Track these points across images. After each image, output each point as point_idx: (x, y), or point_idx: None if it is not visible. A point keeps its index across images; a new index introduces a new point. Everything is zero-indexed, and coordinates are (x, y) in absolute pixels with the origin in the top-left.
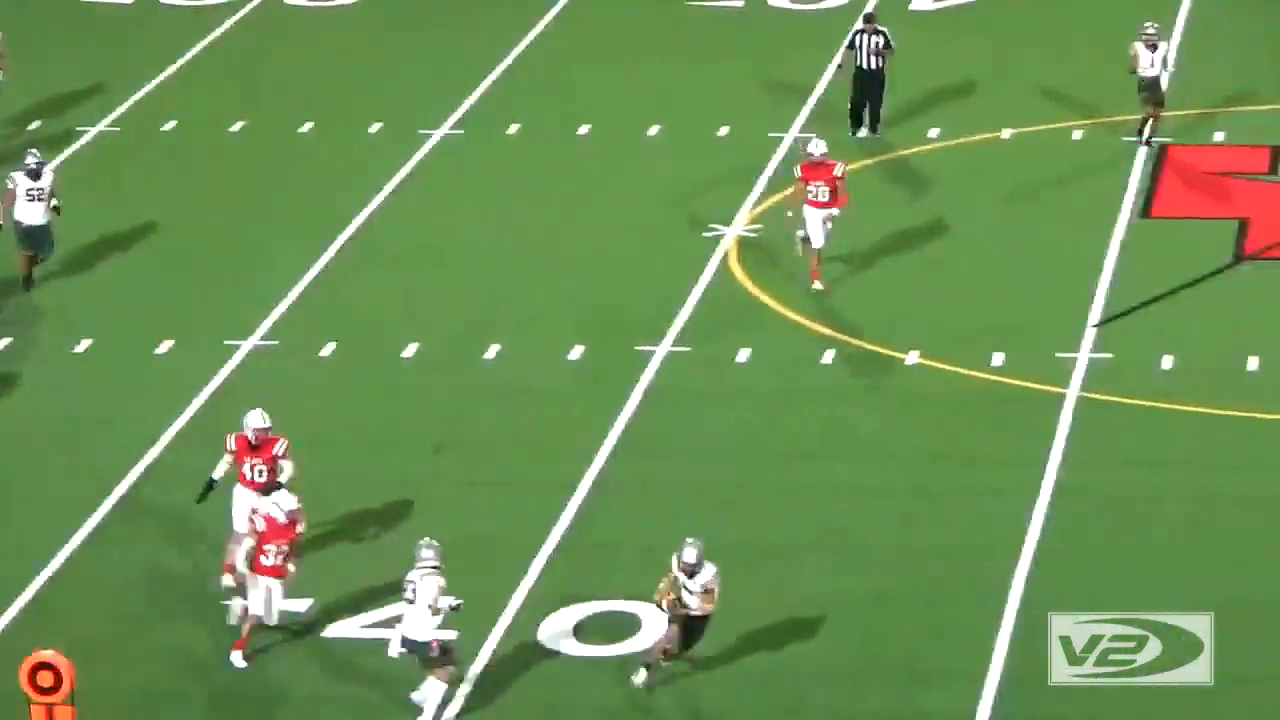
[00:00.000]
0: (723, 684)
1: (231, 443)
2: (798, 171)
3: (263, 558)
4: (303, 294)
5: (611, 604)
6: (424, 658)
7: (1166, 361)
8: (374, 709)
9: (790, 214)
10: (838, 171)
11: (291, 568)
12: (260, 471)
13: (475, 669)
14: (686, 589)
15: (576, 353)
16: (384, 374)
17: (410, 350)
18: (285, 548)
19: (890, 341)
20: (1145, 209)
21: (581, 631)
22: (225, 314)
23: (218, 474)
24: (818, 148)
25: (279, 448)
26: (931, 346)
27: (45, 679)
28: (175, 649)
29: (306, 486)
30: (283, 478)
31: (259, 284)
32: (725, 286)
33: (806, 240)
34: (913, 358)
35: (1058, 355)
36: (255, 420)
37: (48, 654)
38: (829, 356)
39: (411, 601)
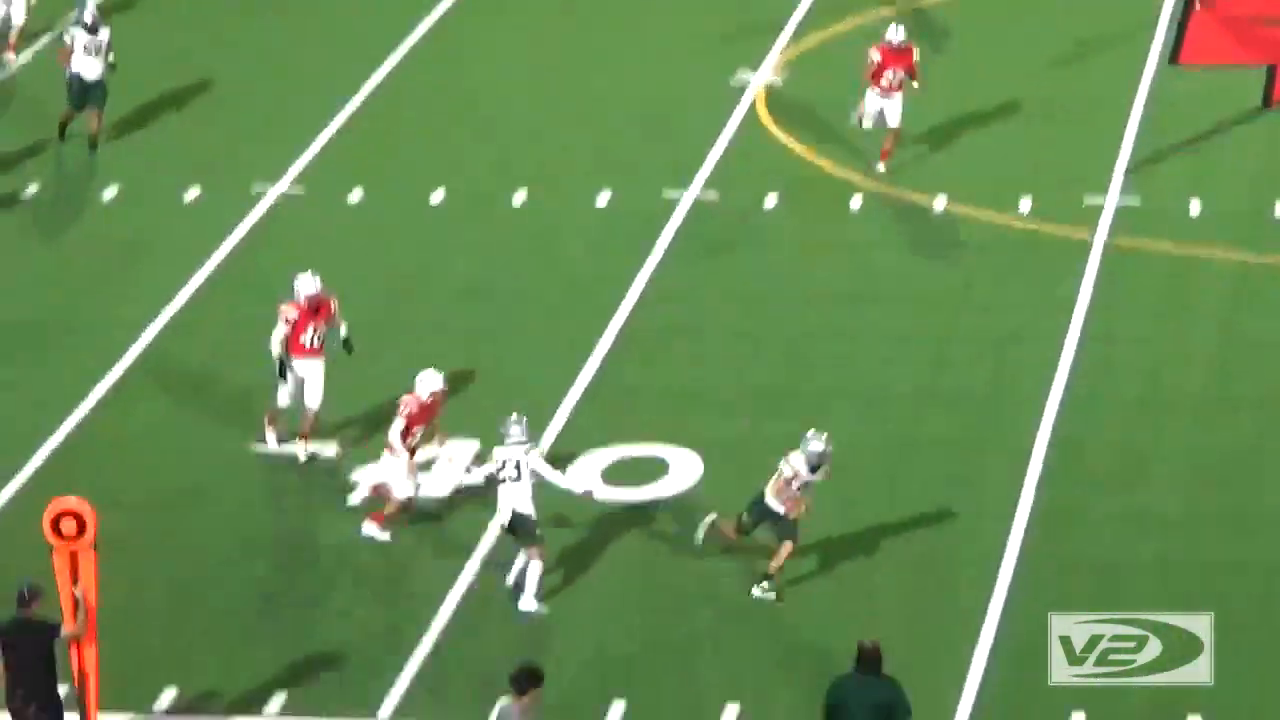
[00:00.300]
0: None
1: (291, 312)
2: (876, 55)
3: (409, 439)
4: (330, 141)
5: (638, 448)
6: (528, 534)
7: (1195, 207)
8: (405, 553)
9: (862, 100)
10: (916, 57)
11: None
12: (320, 337)
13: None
14: (807, 485)
15: (604, 199)
16: (412, 221)
17: (438, 197)
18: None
19: (919, 187)
20: (1174, 55)
21: (609, 474)
22: (253, 161)
23: (277, 348)
24: (897, 34)
25: (334, 305)
26: (960, 192)
27: (69, 526)
28: (192, 492)
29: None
30: (344, 333)
31: (287, 131)
32: (753, 133)
33: (877, 116)
34: (940, 203)
35: (1086, 201)
36: (309, 284)
37: (71, 501)
38: (857, 202)
39: (516, 479)
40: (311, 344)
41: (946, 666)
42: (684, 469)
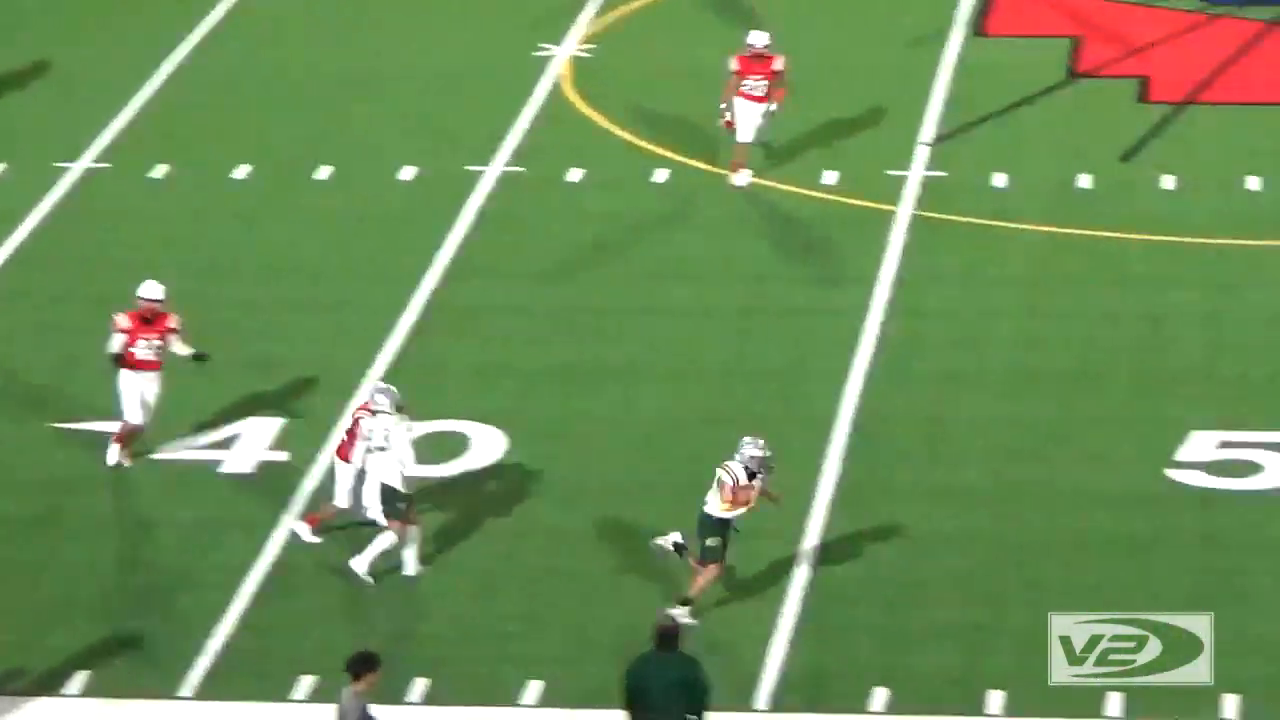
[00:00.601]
0: (558, 502)
1: (124, 320)
2: (734, 64)
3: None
4: (135, 117)
5: (442, 424)
6: (392, 507)
7: (1000, 179)
8: (208, 529)
9: (724, 107)
10: (777, 65)
11: None
12: (156, 350)
13: (309, 486)
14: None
15: (408, 173)
16: (218, 197)
17: (242, 173)
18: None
19: (722, 160)
20: (979, 26)
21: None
22: (56, 136)
23: (115, 348)
24: (759, 39)
25: (172, 321)
26: (763, 165)
27: None
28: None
29: None
30: (178, 351)
31: (91, 106)
32: (557, 106)
33: (747, 126)
34: (745, 177)
35: (889, 173)
36: (149, 290)
37: None
38: (661, 176)
39: (384, 449)
40: (144, 356)
41: (749, 643)
42: (486, 445)
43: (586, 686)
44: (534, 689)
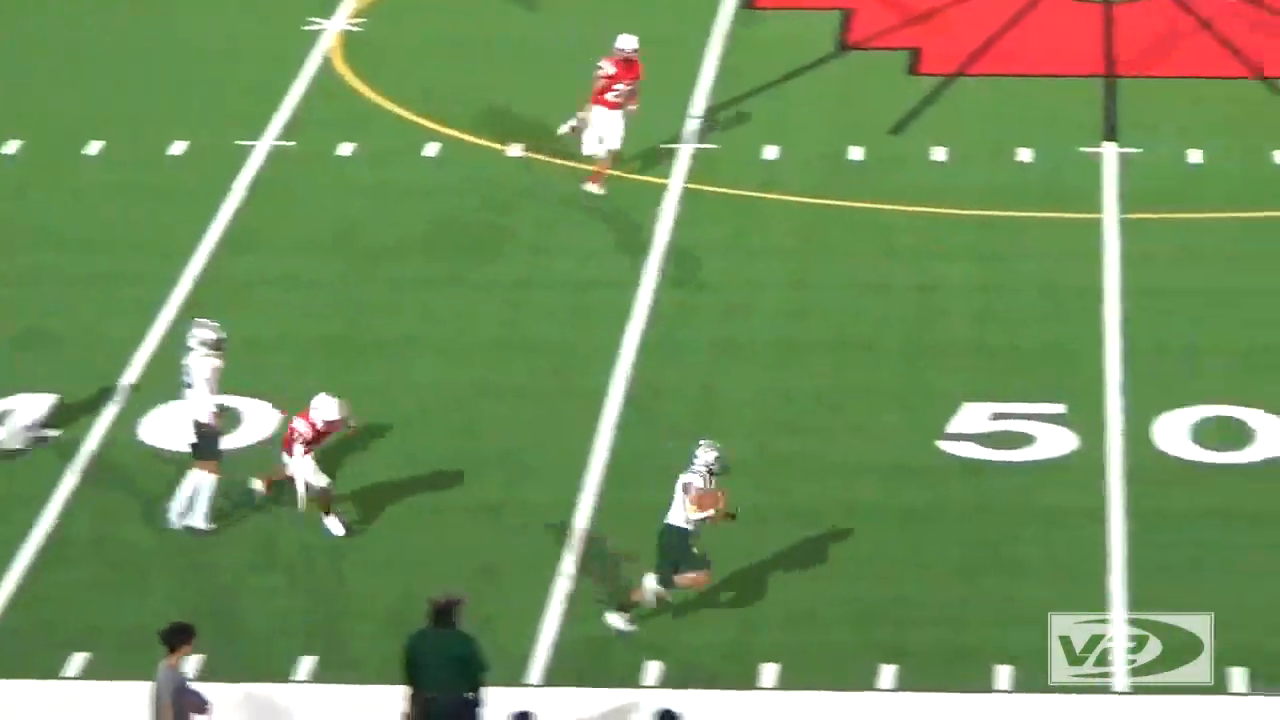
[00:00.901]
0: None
1: None
2: (609, 68)
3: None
4: None
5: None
6: (201, 442)
7: (770, 152)
8: None
9: (580, 114)
10: (641, 73)
11: None
12: None
13: (82, 460)
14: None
15: (179, 148)
16: None
17: (11, 148)
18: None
19: (493, 134)
20: None
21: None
22: None
23: None
24: (629, 43)
25: None
26: (535, 138)
27: None
28: None
29: None
30: None
31: None
32: (327, 80)
33: (593, 135)
34: (515, 150)
35: (660, 145)
36: None
37: None
38: (432, 150)
39: (191, 386)
40: None
41: (522, 619)
42: (258, 420)
43: (360, 660)
44: (306, 664)
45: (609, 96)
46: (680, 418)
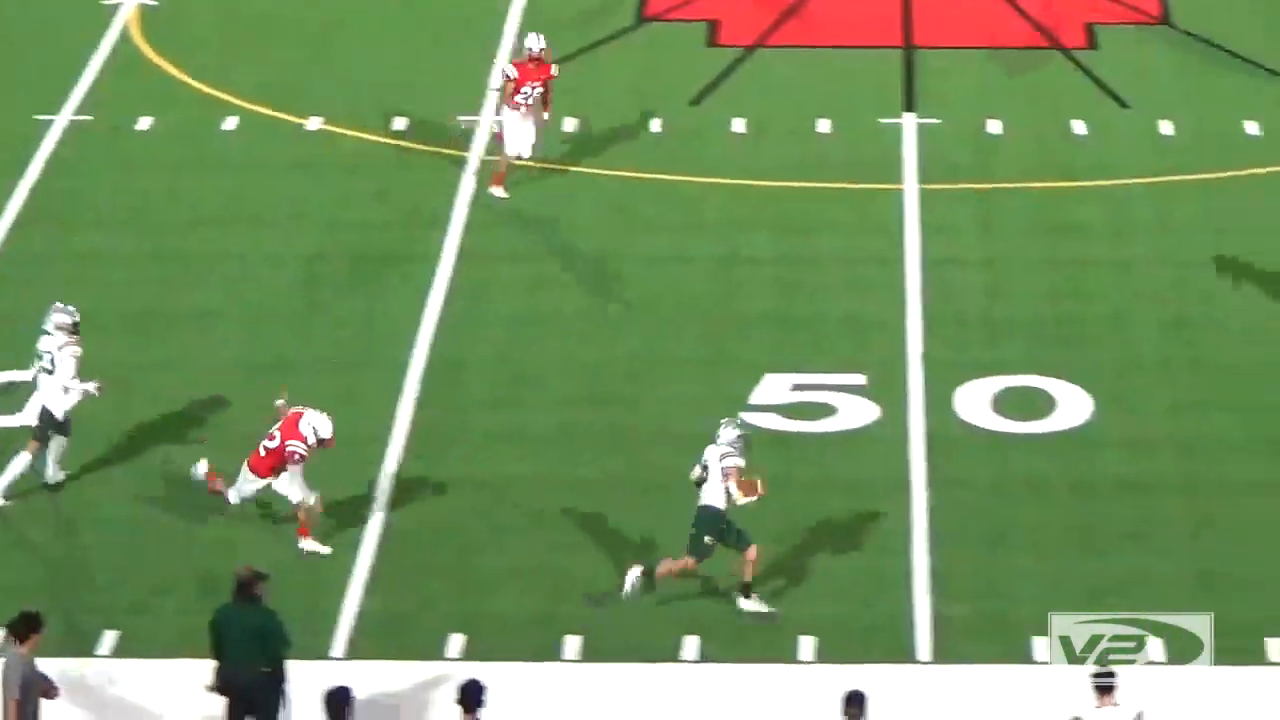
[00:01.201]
0: (129, 451)
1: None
2: (513, 71)
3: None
4: None
5: (14, 375)
6: (42, 429)
7: (569, 124)
8: None
9: (498, 117)
10: (555, 71)
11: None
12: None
13: None
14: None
15: None
16: None
17: None
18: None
19: (292, 107)
20: None
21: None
22: None
23: None
24: (536, 42)
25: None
26: (333, 111)
27: None
28: None
29: None
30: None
31: None
32: (126, 54)
33: (521, 142)
34: (314, 123)
35: (460, 118)
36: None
37: None
38: (231, 124)
39: (50, 372)
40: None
41: (325, 591)
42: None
43: (166, 635)
44: (109, 638)
45: (518, 99)
46: (481, 390)
